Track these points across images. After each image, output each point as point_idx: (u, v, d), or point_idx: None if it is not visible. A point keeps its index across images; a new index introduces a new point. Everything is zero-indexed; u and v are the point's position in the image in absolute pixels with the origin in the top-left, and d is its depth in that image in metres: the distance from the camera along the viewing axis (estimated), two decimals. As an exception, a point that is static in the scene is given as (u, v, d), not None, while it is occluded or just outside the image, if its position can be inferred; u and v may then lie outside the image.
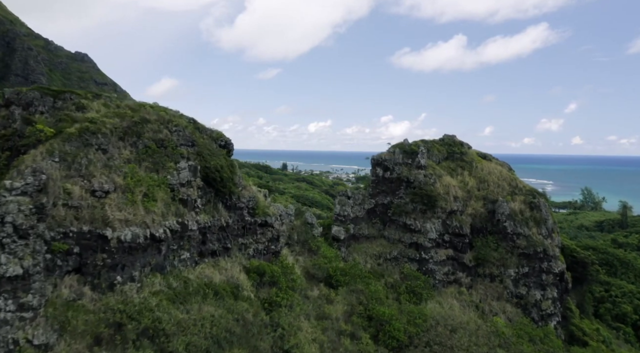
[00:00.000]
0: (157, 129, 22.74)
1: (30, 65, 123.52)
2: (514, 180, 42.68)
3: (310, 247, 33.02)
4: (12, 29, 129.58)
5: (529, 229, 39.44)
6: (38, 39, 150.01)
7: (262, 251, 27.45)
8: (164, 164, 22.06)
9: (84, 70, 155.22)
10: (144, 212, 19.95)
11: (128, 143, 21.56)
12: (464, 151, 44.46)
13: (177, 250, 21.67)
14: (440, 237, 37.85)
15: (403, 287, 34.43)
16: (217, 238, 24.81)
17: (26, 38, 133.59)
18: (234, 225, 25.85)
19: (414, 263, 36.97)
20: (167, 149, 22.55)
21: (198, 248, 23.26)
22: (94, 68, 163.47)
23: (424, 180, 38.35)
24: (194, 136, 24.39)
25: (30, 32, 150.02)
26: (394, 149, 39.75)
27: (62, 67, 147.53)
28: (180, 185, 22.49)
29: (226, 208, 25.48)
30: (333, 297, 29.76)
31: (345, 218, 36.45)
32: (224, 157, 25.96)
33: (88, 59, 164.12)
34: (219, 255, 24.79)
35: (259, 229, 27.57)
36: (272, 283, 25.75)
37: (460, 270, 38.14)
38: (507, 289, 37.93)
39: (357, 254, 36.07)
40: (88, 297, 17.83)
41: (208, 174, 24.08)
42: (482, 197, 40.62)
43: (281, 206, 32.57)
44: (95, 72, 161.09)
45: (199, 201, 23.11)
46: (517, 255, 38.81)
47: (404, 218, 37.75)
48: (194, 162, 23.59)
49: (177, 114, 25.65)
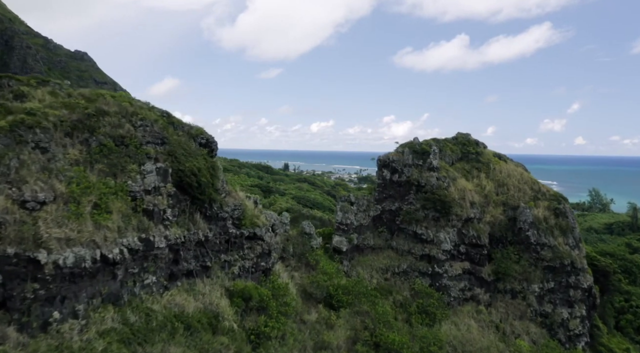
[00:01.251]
0: (117, 122, 18.45)
1: (29, 63, 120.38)
2: (535, 184, 38.31)
3: (307, 261, 28.73)
4: (11, 27, 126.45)
5: (555, 239, 35.09)
6: (37, 37, 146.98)
7: (250, 269, 23.17)
8: (123, 167, 17.78)
9: (84, 69, 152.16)
10: (93, 227, 15.68)
11: (77, 140, 17.28)
12: (479, 151, 40.11)
13: (139, 274, 17.39)
14: (455, 248, 33.49)
15: (414, 306, 30.12)
16: (194, 256, 20.51)
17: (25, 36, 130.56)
18: (215, 239, 21.56)
19: (426, 278, 32.62)
20: (128, 148, 18.26)
21: (167, 270, 18.96)
22: (94, 67, 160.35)
23: (437, 184, 34.01)
24: (165, 132, 20.10)
25: (29, 30, 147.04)
26: (403, 149, 35.40)
27: (61, 66, 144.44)
28: (145, 192, 18.21)
29: (205, 219, 21.18)
30: (334, 320, 25.48)
31: (348, 227, 32.11)
32: (203, 157, 21.67)
33: (87, 58, 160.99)
34: (196, 275, 20.49)
35: (246, 243, 23.29)
36: (260, 308, 21.47)
37: (478, 285, 33.79)
38: (530, 307, 33.59)
39: (362, 268, 31.73)
40: (13, 341, 13.55)
41: (182, 178, 19.80)
42: (501, 203, 36.26)
43: (274, 214, 28.28)
44: (94, 70, 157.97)
45: (169, 212, 18.81)
46: (541, 269, 34.47)
47: (414, 226, 33.40)
48: (164, 163, 19.31)
49: (147, 105, 21.37)
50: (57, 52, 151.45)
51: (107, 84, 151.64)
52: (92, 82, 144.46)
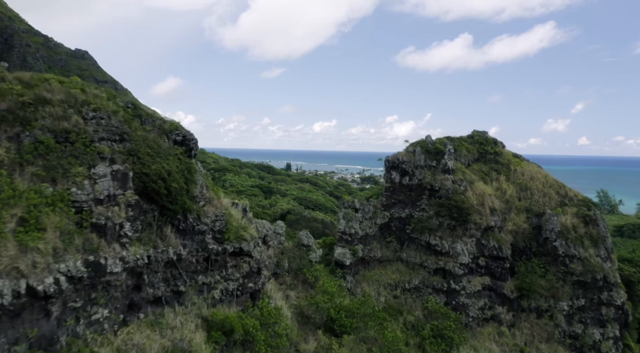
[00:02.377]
0: (61, 114, 14.56)
1: (29, 62, 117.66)
2: (562, 187, 34.27)
3: (305, 278, 24.82)
4: (11, 26, 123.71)
5: (585, 250, 31.08)
6: (37, 35, 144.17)
7: (235, 292, 19.26)
8: (66, 170, 13.91)
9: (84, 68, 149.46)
10: (17, 250, 11.84)
11: (5, 136, 13.41)
12: (498, 151, 36.09)
13: (84, 309, 13.51)
14: (474, 260, 29.51)
15: (427, 329, 26.17)
16: (163, 279, 16.63)
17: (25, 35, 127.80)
18: (191, 257, 17.67)
19: (441, 296, 28.67)
20: (75, 146, 14.37)
21: (125, 300, 15.07)
22: (94, 65, 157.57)
23: (453, 188, 30.02)
24: (126, 126, 16.20)
25: (29, 28, 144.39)
26: (414, 148, 31.40)
27: (61, 64, 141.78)
28: (96, 202, 14.34)
29: (178, 233, 17.30)
30: (336, 349, 21.56)
31: (352, 238, 28.13)
32: (177, 157, 17.77)
33: (88, 56, 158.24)
34: (166, 303, 16.61)
35: (231, 260, 19.38)
36: (245, 342, 17.58)
37: (500, 303, 29.80)
38: (558, 327, 29.61)
39: (367, 284, 27.79)
40: None
41: (147, 184, 15.92)
42: (524, 209, 32.23)
43: (267, 223, 24.41)
44: (95, 69, 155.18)
45: (127, 226, 14.93)
46: (570, 284, 30.49)
47: (427, 236, 29.44)
48: (122, 165, 15.43)
49: (110, 93, 17.46)
50: (58, 51, 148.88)
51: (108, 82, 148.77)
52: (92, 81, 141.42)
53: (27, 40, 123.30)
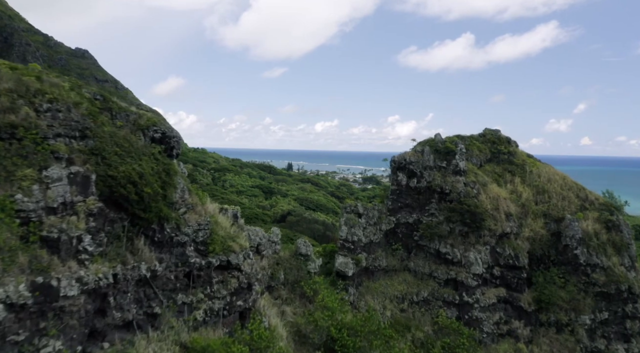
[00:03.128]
0: (7, 105, 12.13)
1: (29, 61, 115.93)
2: (582, 190, 31.76)
3: (303, 291, 22.36)
4: (10, 24, 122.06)
5: (608, 258, 28.59)
6: (37, 34, 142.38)
7: (221, 311, 16.79)
8: (10, 172, 11.47)
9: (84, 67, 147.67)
10: (-64, 274, 9.37)
11: None
12: (512, 150, 33.58)
13: (31, 342, 11.06)
14: (488, 270, 27.05)
15: (438, 347, 23.73)
16: (135, 300, 14.17)
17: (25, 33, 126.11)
18: (169, 273, 15.22)
19: (452, 309, 26.21)
20: (22, 143, 11.94)
21: (85, 328, 12.60)
22: (95, 65, 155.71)
23: (465, 191, 27.55)
24: (90, 121, 13.75)
25: (29, 27, 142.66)
26: (422, 148, 28.91)
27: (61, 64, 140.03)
28: (47, 211, 11.90)
29: (153, 245, 14.85)
30: (337, 374, 19.11)
31: (355, 245, 25.66)
32: (154, 158, 15.32)
33: (88, 56, 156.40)
34: (138, 328, 14.16)
35: (217, 276, 16.91)
36: (231, 372, 15.11)
37: (516, 317, 27.31)
38: (580, 343, 27.13)
39: (372, 296, 25.33)
40: None
41: (114, 189, 13.46)
42: (542, 214, 29.73)
43: (260, 231, 21.95)
44: (95, 68, 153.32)
45: (87, 239, 12.48)
46: (592, 295, 28.03)
47: (436, 243, 26.98)
48: (83, 167, 12.98)
49: (75, 82, 15.00)
50: (58, 50, 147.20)
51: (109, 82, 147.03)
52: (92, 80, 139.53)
53: (27, 39, 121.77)
